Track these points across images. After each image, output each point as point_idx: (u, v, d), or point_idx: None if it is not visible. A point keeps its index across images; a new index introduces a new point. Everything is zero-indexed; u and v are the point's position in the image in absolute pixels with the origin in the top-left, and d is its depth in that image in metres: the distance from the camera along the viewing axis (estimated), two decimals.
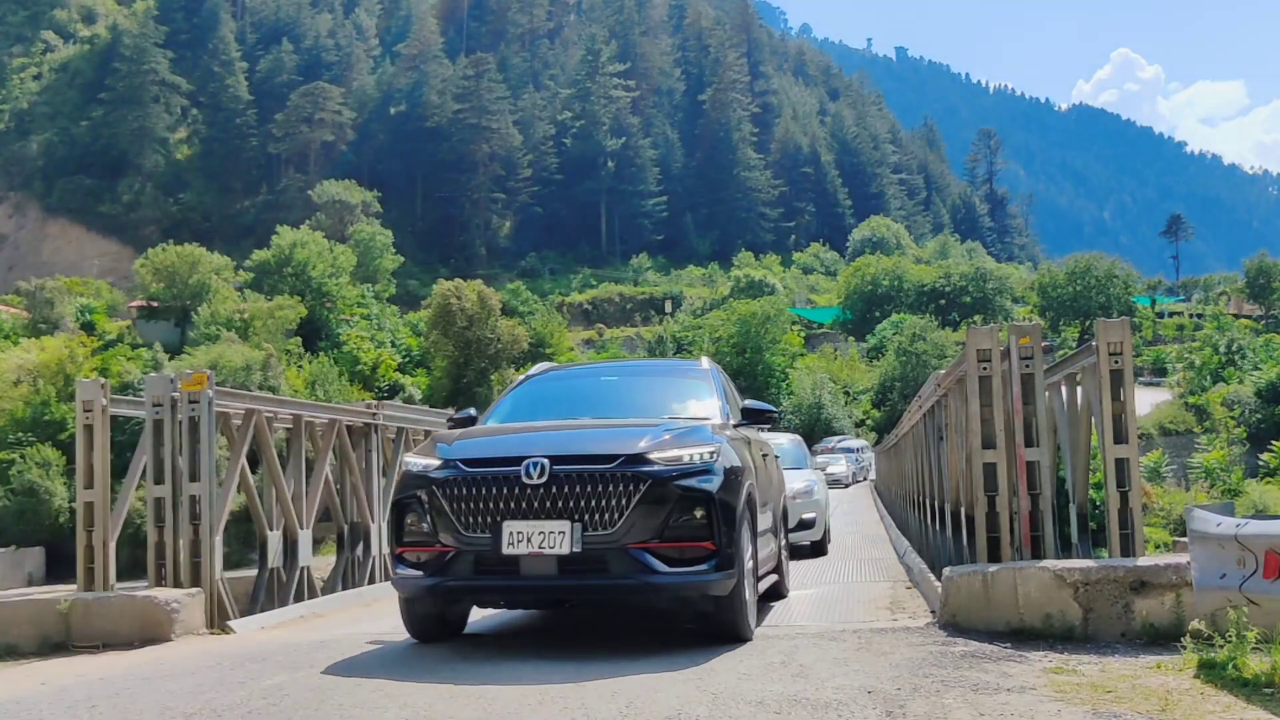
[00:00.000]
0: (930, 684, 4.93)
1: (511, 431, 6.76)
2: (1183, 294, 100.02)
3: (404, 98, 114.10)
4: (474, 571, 5.83)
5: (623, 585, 5.70)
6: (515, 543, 5.68)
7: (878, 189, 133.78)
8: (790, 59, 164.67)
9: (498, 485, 5.78)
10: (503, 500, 5.75)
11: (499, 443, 6.45)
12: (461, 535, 5.81)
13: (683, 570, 5.66)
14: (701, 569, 5.69)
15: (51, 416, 40.63)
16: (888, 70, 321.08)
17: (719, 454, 5.98)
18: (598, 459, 5.76)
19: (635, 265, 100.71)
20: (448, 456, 6.05)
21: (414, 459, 6.28)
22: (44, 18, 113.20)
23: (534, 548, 5.65)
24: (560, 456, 5.79)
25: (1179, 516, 20.09)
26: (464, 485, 5.85)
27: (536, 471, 5.71)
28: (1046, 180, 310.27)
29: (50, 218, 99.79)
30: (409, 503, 6.06)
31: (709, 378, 7.55)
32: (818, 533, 13.51)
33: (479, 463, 5.95)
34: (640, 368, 9.67)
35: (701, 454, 5.92)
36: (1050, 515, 6.94)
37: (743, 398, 7.94)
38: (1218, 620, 4.97)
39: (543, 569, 5.66)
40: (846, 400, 61.16)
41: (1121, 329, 6.77)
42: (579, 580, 5.71)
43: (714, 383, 7.45)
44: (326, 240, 70.25)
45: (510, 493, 5.74)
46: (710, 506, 5.74)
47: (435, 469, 6.01)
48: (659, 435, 6.01)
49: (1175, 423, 49.29)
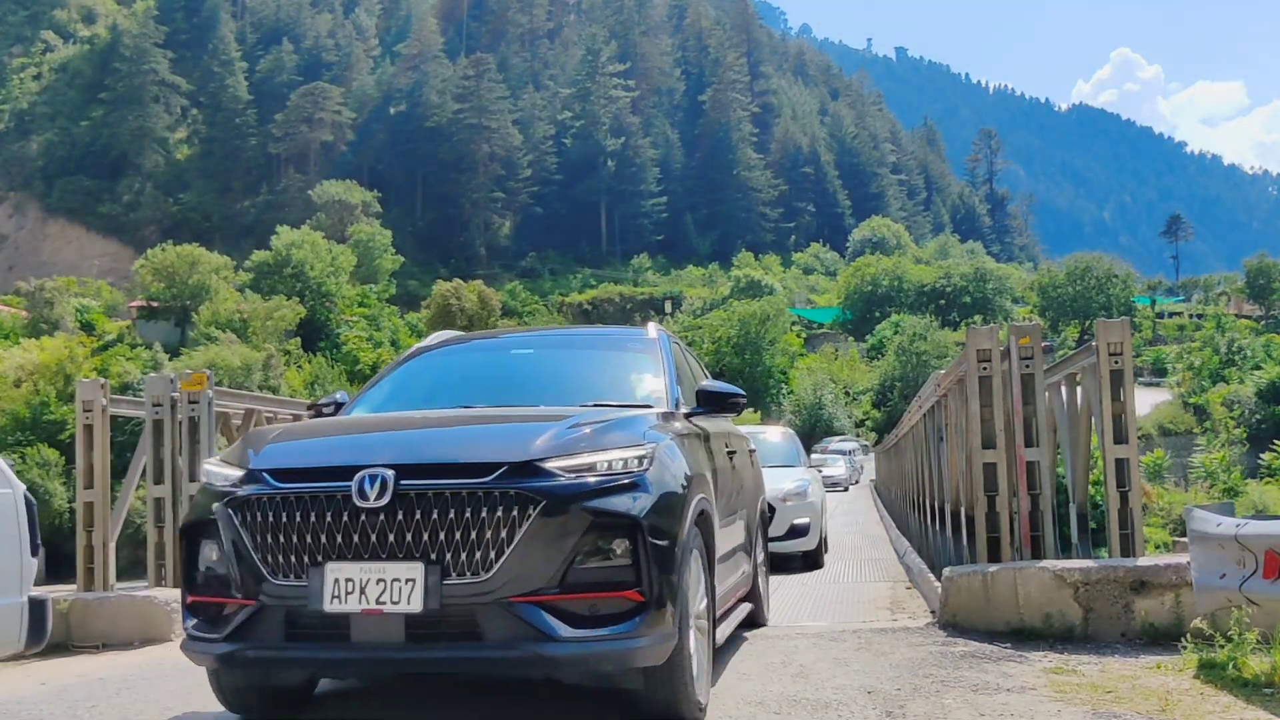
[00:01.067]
0: (930, 684, 4.93)
1: (353, 428, 4.81)
2: (1183, 294, 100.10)
3: (404, 98, 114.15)
4: (285, 636, 3.94)
5: (502, 658, 3.85)
6: (342, 594, 3.83)
7: (878, 189, 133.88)
8: (790, 59, 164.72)
9: (318, 509, 3.91)
10: (325, 531, 3.88)
11: (328, 446, 4.46)
12: (268, 582, 3.93)
13: (595, 633, 3.84)
14: (623, 629, 3.86)
15: (51, 417, 40.63)
16: (888, 70, 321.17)
17: (652, 459, 4.15)
18: (467, 469, 3.92)
19: (635, 265, 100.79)
20: (255, 466, 4.14)
21: (215, 466, 4.34)
22: (44, 18, 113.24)
23: (369, 602, 3.81)
24: (411, 466, 3.93)
25: (1179, 516, 20.11)
26: (271, 508, 3.97)
27: (374, 488, 3.85)
28: (1046, 180, 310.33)
29: (50, 218, 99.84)
30: (202, 530, 4.18)
31: (655, 350, 5.59)
32: (811, 541, 11.53)
33: (294, 475, 4.05)
34: (565, 338, 6.93)
35: (626, 460, 4.09)
36: (1050, 515, 6.94)
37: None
38: (1218, 620, 4.97)
39: (383, 633, 3.82)
40: (846, 400, 61.18)
41: (1121, 329, 6.77)
42: (435, 651, 3.86)
43: (662, 357, 5.51)
44: (326, 240, 70.30)
45: (336, 520, 3.88)
46: (637, 537, 3.91)
47: (234, 483, 4.13)
48: (565, 433, 4.14)
49: (1175, 423, 49.35)
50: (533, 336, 7.23)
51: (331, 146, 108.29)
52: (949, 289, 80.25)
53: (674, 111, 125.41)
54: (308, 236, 68.69)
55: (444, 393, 5.41)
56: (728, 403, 5.33)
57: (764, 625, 6.98)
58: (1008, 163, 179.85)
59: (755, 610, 6.71)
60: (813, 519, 11.54)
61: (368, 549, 3.86)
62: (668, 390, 5.22)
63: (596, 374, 5.61)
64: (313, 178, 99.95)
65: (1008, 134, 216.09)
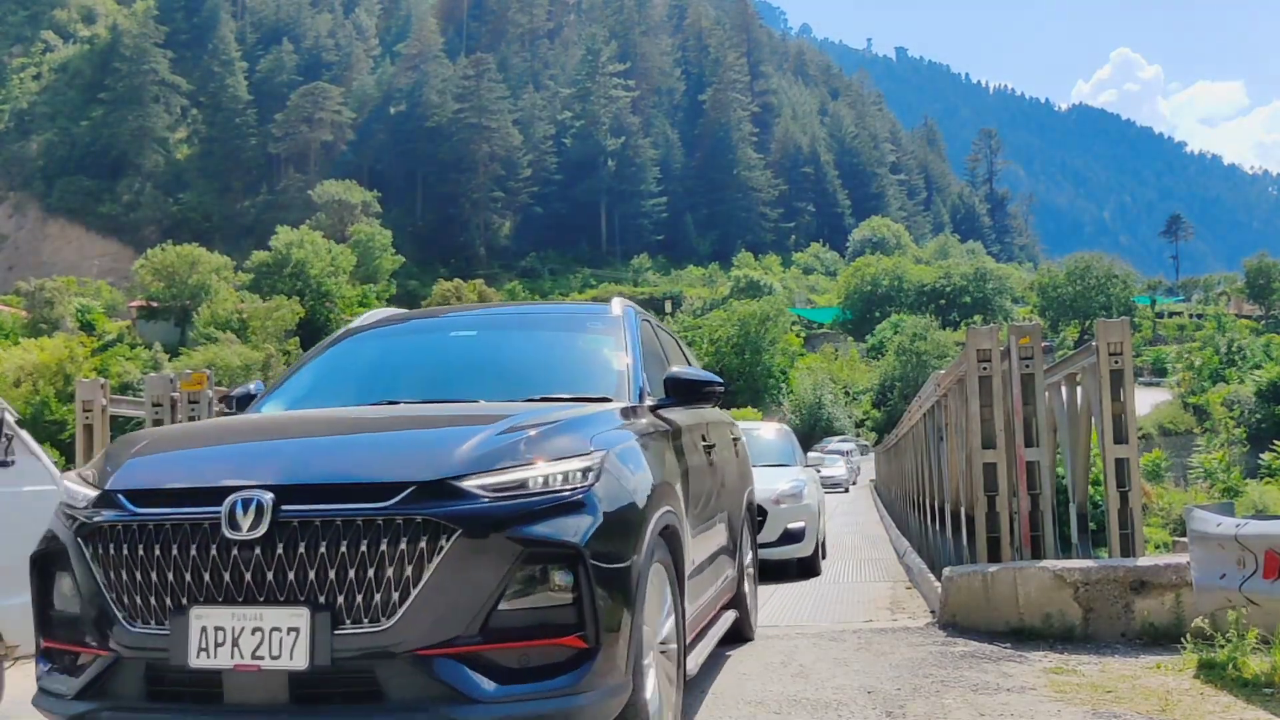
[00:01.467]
0: (930, 684, 4.93)
1: (236, 435, 3.90)
2: (1182, 294, 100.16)
3: (404, 98, 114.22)
4: (146, 695, 3.20)
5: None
6: (211, 646, 3.09)
7: (877, 189, 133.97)
8: (790, 59, 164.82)
9: (181, 541, 3.16)
10: (189, 568, 3.13)
11: (198, 460, 3.67)
12: (124, 629, 3.20)
13: (527, 690, 3.11)
14: (561, 684, 3.13)
15: (51, 416, 40.67)
16: (888, 70, 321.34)
17: (600, 470, 3.38)
18: (363, 491, 3.15)
19: (635, 265, 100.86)
20: (111, 486, 3.38)
21: (73, 484, 3.56)
22: (44, 18, 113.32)
23: (244, 656, 3.07)
24: (295, 487, 3.17)
25: (1179, 516, 20.11)
26: (126, 539, 3.22)
27: (248, 515, 3.10)
28: (1046, 180, 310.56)
29: (50, 218, 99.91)
30: (54, 561, 3.43)
31: (619, 330, 4.70)
32: (807, 547, 10.44)
33: (154, 497, 3.29)
34: (515, 316, 5.77)
35: (568, 473, 3.31)
36: (1050, 515, 6.94)
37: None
38: (1217, 620, 4.98)
39: (262, 694, 3.08)
40: (846, 400, 61.22)
41: (1121, 329, 6.77)
42: (326, 716, 3.11)
43: (627, 339, 4.63)
44: (326, 240, 70.35)
45: (203, 555, 3.13)
46: (579, 570, 3.17)
47: (87, 506, 3.38)
48: (492, 441, 3.35)
49: (1175, 423, 49.39)
50: (478, 316, 5.93)
51: (331, 146, 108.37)
52: (949, 289, 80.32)
53: (674, 111, 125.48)
54: (308, 236, 68.76)
55: (368, 384, 4.59)
56: (701, 392, 4.46)
57: (751, 639, 6.20)
58: (1008, 163, 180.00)
59: (741, 621, 5.92)
60: (808, 522, 10.50)
61: (241, 591, 3.10)
62: (630, 380, 4.37)
63: (547, 361, 4.73)
64: (313, 178, 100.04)
65: (1008, 134, 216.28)
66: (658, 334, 5.32)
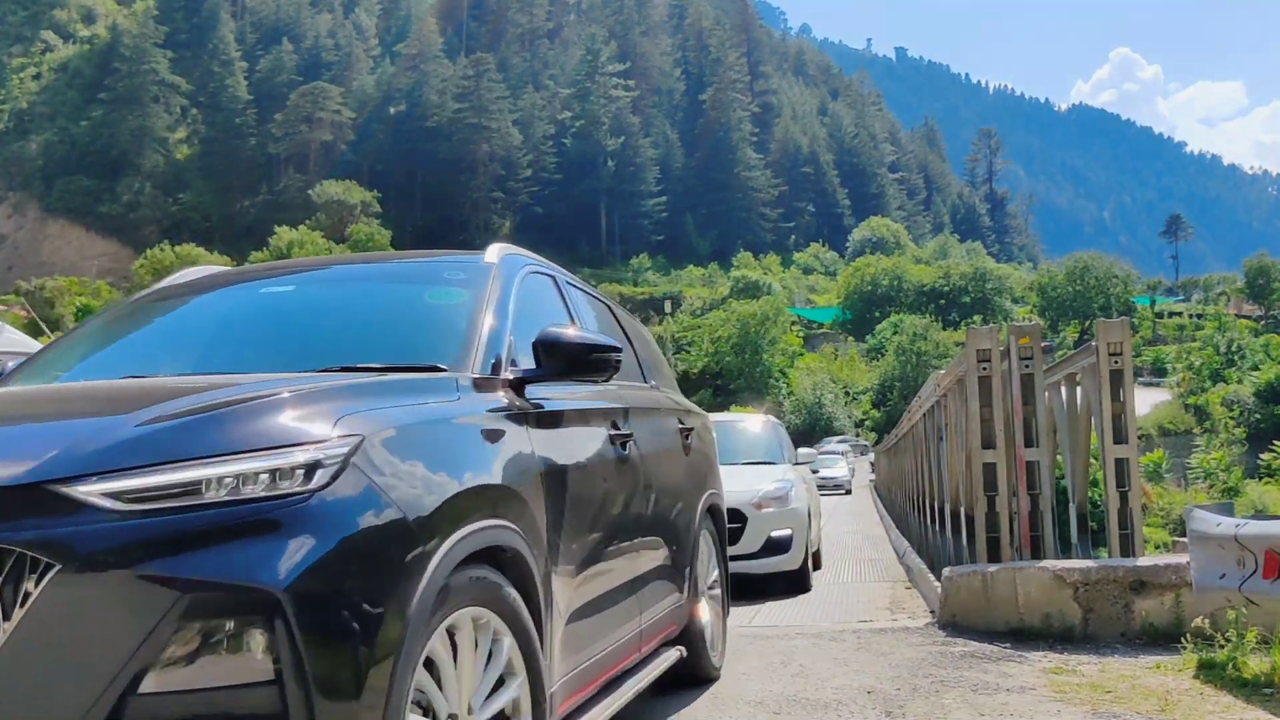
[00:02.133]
0: (930, 684, 4.93)
1: None
2: (1182, 294, 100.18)
3: (404, 98, 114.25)
4: None
5: None
6: None
7: (877, 189, 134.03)
8: (790, 59, 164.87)
9: None
10: None
11: None
12: None
13: None
14: None
15: None
16: (888, 70, 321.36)
17: (343, 466, 2.15)
18: None
19: (635, 265, 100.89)
20: None
21: None
22: (44, 18, 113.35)
23: None
24: None
25: (1179, 516, 20.10)
26: None
27: None
28: (1046, 180, 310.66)
29: (50, 218, 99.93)
30: None
31: (486, 282, 3.43)
32: (795, 559, 8.85)
33: None
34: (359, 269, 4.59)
35: (275, 471, 2.07)
36: (1050, 515, 6.94)
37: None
38: (1217, 620, 4.98)
39: None
40: (846, 400, 61.24)
41: (1121, 329, 6.77)
42: None
43: (496, 293, 3.38)
44: (326, 240, 70.38)
45: None
46: (276, 627, 1.93)
47: None
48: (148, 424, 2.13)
49: (1175, 423, 49.39)
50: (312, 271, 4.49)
51: (331, 146, 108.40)
52: (949, 289, 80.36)
53: (674, 111, 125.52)
54: (307, 236, 68.81)
55: (124, 354, 3.49)
56: (585, 360, 3.17)
57: (715, 679, 4.92)
58: (1007, 163, 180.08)
59: (694, 657, 4.62)
60: (796, 529, 8.88)
61: None
62: (482, 345, 3.10)
63: (367, 320, 3.55)
64: (312, 178, 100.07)
65: (1008, 134, 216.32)
66: (565, 295, 4.04)
